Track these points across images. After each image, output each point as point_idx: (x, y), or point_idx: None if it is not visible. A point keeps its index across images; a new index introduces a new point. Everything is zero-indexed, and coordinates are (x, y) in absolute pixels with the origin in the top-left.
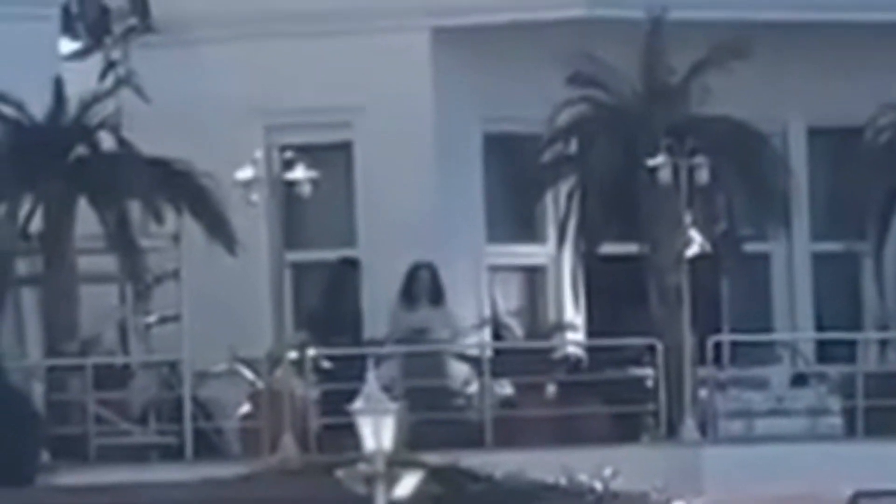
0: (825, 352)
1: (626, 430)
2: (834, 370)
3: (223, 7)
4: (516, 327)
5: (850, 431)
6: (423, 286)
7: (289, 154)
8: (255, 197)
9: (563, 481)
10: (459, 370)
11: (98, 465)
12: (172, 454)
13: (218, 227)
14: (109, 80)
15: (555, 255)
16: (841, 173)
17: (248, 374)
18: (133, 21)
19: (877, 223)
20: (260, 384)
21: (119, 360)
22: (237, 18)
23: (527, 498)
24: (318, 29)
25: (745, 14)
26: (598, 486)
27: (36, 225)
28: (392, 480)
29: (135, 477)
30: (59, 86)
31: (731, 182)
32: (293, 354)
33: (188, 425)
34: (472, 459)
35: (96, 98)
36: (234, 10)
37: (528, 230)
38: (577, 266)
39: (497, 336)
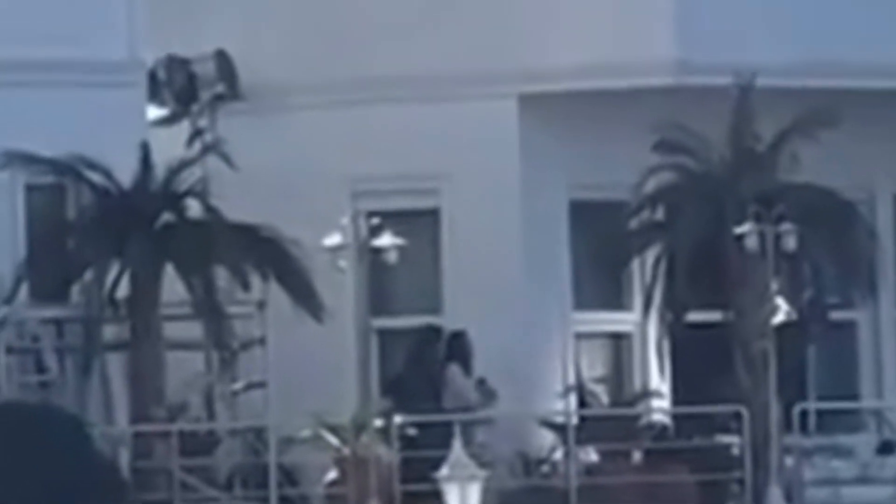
0: None
1: (711, 498)
2: None
3: (310, 74)
4: (602, 394)
5: None
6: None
7: (376, 220)
8: (341, 263)
9: None
10: (545, 437)
11: None
12: None
13: (304, 294)
14: (196, 147)
15: (641, 322)
16: None
17: (334, 440)
18: (220, 88)
19: None
20: (345, 450)
21: (205, 426)
22: (324, 85)
23: None
24: (405, 95)
25: (832, 82)
26: None
27: (123, 291)
28: None
29: None
30: (146, 152)
31: (817, 249)
32: (378, 421)
33: (274, 492)
34: None
35: (183, 164)
36: (320, 76)
37: (615, 297)
38: (662, 333)
39: (582, 403)
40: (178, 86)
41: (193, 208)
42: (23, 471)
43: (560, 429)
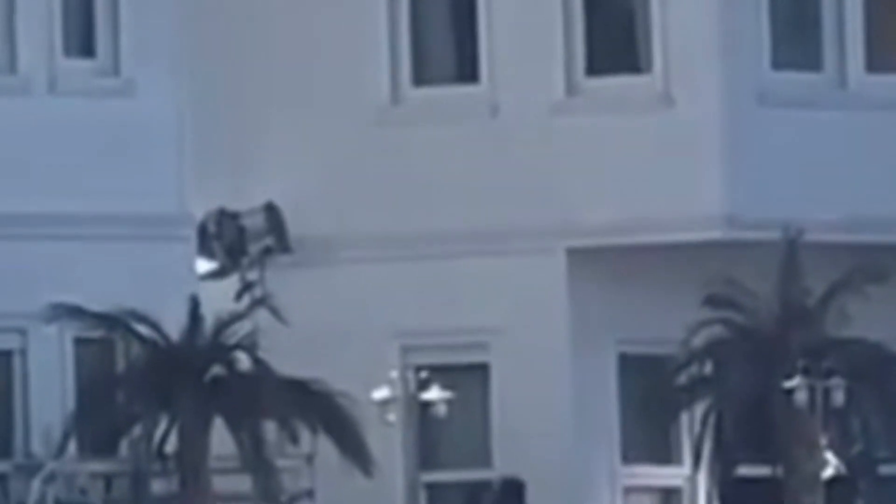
0: None
1: None
2: None
3: (359, 228)
4: None
5: None
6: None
7: (424, 374)
8: (391, 417)
9: None
10: None
11: None
12: None
13: (353, 447)
14: (246, 301)
15: (690, 476)
16: None
17: None
18: (269, 241)
19: None
20: None
21: None
22: (372, 238)
23: None
24: (454, 250)
25: (881, 237)
26: None
27: (171, 444)
28: None
29: None
30: (195, 305)
31: (866, 404)
32: None
33: None
34: None
35: (233, 318)
36: (370, 230)
37: (664, 451)
38: (712, 488)
39: None
40: (228, 239)
41: (242, 362)
42: None
43: None
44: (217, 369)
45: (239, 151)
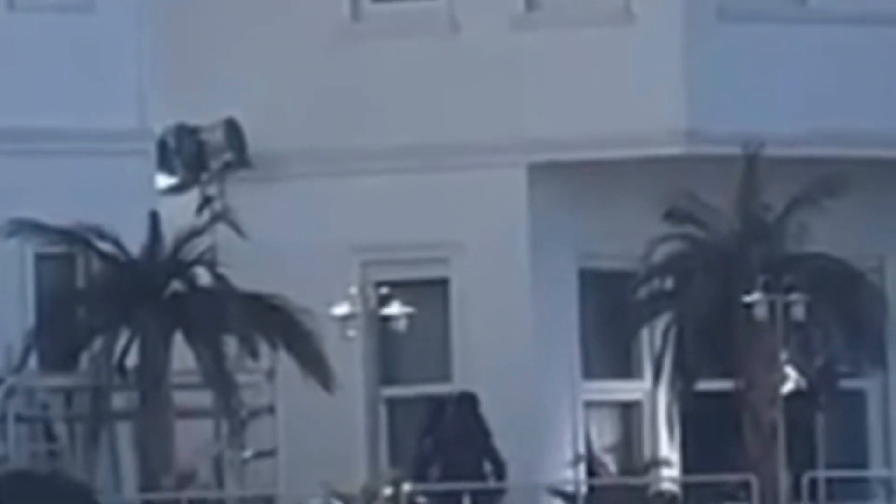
0: None
1: None
2: None
3: (319, 143)
4: (612, 463)
5: None
6: None
7: (384, 290)
8: (350, 332)
9: None
10: None
11: None
12: None
13: (313, 362)
14: (206, 216)
15: (651, 390)
16: None
17: None
18: (229, 156)
19: None
20: None
21: (214, 495)
22: (334, 154)
23: None
24: (414, 165)
25: (841, 151)
26: None
27: (132, 360)
28: None
29: None
30: (155, 221)
31: (827, 319)
32: (389, 489)
33: None
34: None
35: (193, 233)
36: (330, 145)
37: (624, 366)
38: (672, 402)
39: (592, 472)
40: (188, 154)
41: (203, 277)
42: None
43: (570, 498)
44: (177, 284)
45: (199, 67)
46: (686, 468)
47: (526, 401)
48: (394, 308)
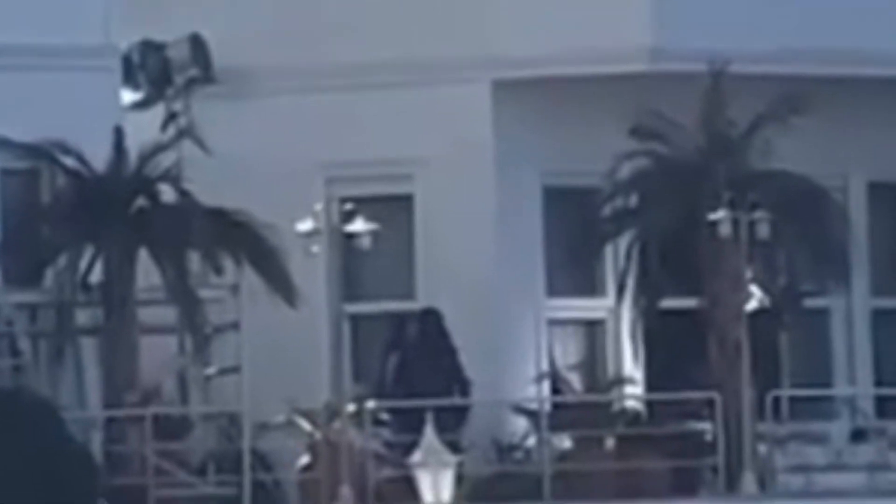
0: (884, 407)
1: (684, 485)
2: (893, 425)
3: (285, 59)
4: (575, 381)
5: None
6: None
7: (349, 206)
8: (314, 249)
9: None
10: (518, 423)
11: None
12: None
13: (277, 279)
14: (170, 132)
15: (614, 308)
16: None
17: (307, 425)
18: (194, 72)
19: None
20: (318, 436)
21: (178, 411)
22: (299, 70)
23: None
24: (379, 81)
25: (806, 69)
26: None
27: (96, 276)
28: None
29: None
30: (119, 137)
31: (791, 237)
32: (352, 406)
33: (247, 477)
34: None
35: (157, 149)
36: (295, 61)
37: (588, 284)
38: (636, 320)
39: (556, 390)
40: (153, 70)
41: (167, 193)
42: None
43: (533, 415)
44: (142, 200)
45: None
46: (650, 386)
47: (489, 318)
48: (358, 224)
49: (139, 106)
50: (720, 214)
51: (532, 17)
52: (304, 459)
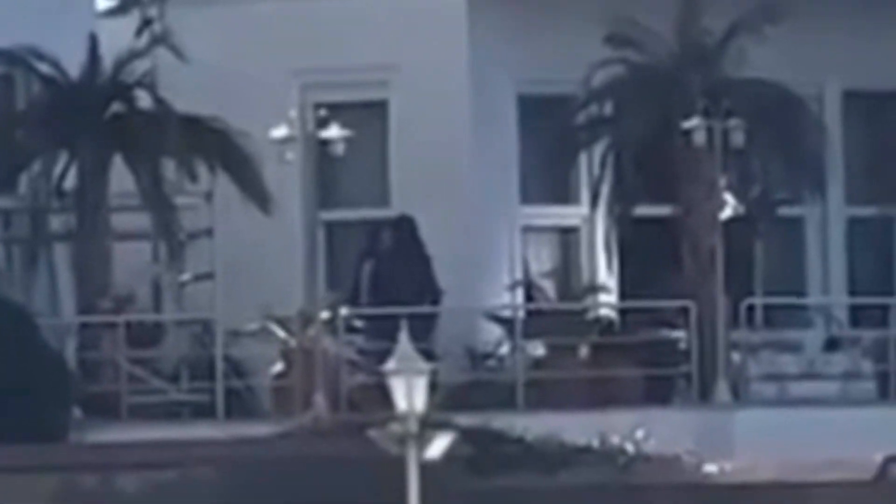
0: (858, 316)
1: (658, 393)
2: (867, 334)
3: None
4: (549, 289)
5: (882, 395)
6: None
7: (323, 112)
8: (289, 155)
9: (594, 443)
10: (491, 331)
11: (130, 423)
12: (204, 412)
13: (252, 186)
14: (145, 38)
15: (588, 216)
16: (876, 137)
17: (281, 332)
18: None
19: None
20: (292, 343)
21: (152, 318)
22: None
23: (558, 460)
24: None
25: None
26: (630, 448)
27: (70, 182)
28: (424, 441)
29: (166, 435)
30: (94, 43)
31: (766, 145)
32: (326, 313)
33: (220, 384)
34: (503, 421)
35: (132, 56)
36: None
37: (562, 192)
38: (610, 228)
39: (529, 297)
40: None
41: (142, 100)
42: None
43: (507, 323)
44: (116, 107)
45: None
46: (623, 294)
47: (464, 225)
48: (332, 131)
49: (113, 12)
50: (695, 122)
51: None
52: (278, 367)
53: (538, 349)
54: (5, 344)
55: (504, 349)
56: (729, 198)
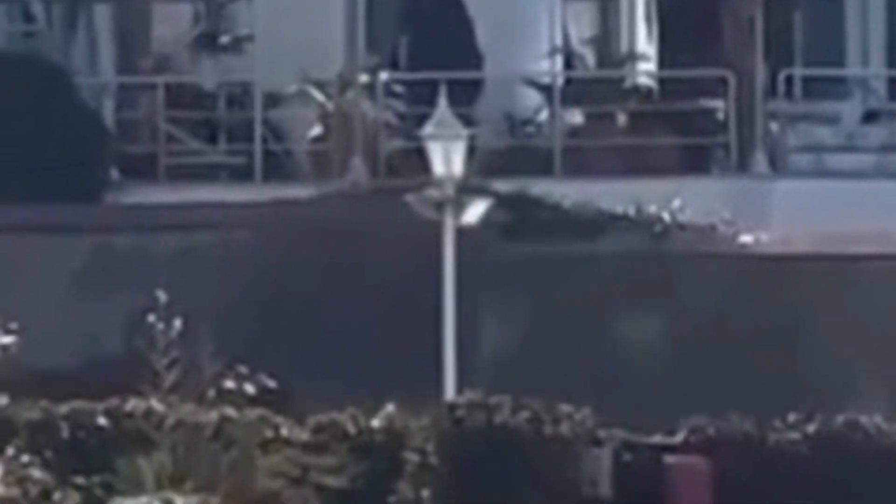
0: None
1: (695, 162)
2: None
3: None
4: (588, 56)
5: None
6: None
7: None
8: None
9: (630, 212)
10: (531, 97)
11: (167, 184)
12: (242, 175)
13: None
14: None
15: None
16: None
17: (319, 96)
18: None
19: None
20: (331, 106)
21: (189, 79)
22: None
23: (594, 227)
24: None
25: None
26: (666, 217)
27: None
28: (461, 206)
29: (203, 196)
30: None
31: None
32: (365, 77)
33: (258, 146)
34: (540, 187)
35: None
36: None
37: None
38: None
39: (569, 64)
40: None
41: None
42: (3, 119)
43: (546, 89)
44: None
45: None
46: (662, 62)
47: None
48: None
49: None
50: None
51: None
52: (316, 130)
53: (576, 116)
54: (42, 102)
55: (543, 115)
56: None
